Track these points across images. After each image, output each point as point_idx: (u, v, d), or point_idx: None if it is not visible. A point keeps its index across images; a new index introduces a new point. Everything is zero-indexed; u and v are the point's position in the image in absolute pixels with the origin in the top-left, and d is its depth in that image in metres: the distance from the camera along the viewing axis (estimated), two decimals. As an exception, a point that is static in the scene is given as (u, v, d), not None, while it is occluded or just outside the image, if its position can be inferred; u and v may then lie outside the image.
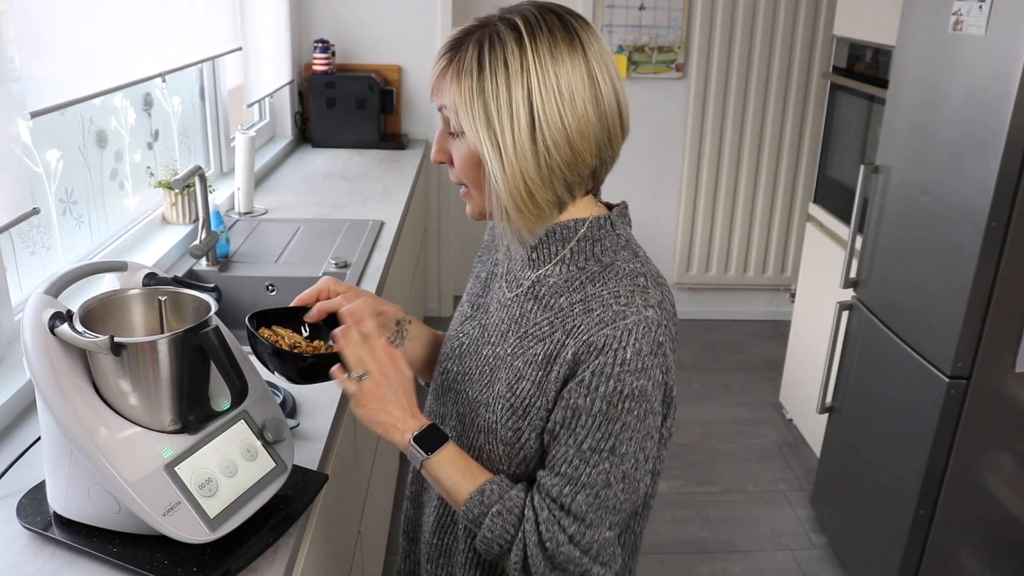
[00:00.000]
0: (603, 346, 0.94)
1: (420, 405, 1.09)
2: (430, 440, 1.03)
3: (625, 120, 1.00)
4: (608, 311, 0.96)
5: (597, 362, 0.94)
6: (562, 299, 1.02)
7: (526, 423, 1.01)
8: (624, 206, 1.09)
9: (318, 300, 1.13)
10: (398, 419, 1.02)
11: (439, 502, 1.18)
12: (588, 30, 0.97)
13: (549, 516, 0.97)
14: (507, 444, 1.03)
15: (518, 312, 1.06)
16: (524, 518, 0.99)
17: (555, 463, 0.99)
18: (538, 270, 1.05)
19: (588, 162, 0.98)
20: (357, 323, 1.04)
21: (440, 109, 0.99)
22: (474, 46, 0.94)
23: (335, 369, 1.03)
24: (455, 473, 1.03)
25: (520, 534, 0.99)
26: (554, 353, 0.99)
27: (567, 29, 0.95)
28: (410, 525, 1.30)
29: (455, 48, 0.96)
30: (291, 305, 1.14)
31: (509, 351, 1.05)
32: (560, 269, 1.03)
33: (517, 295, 1.07)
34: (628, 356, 0.94)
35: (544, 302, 1.03)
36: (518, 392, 1.02)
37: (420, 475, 1.23)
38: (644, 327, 0.95)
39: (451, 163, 1.02)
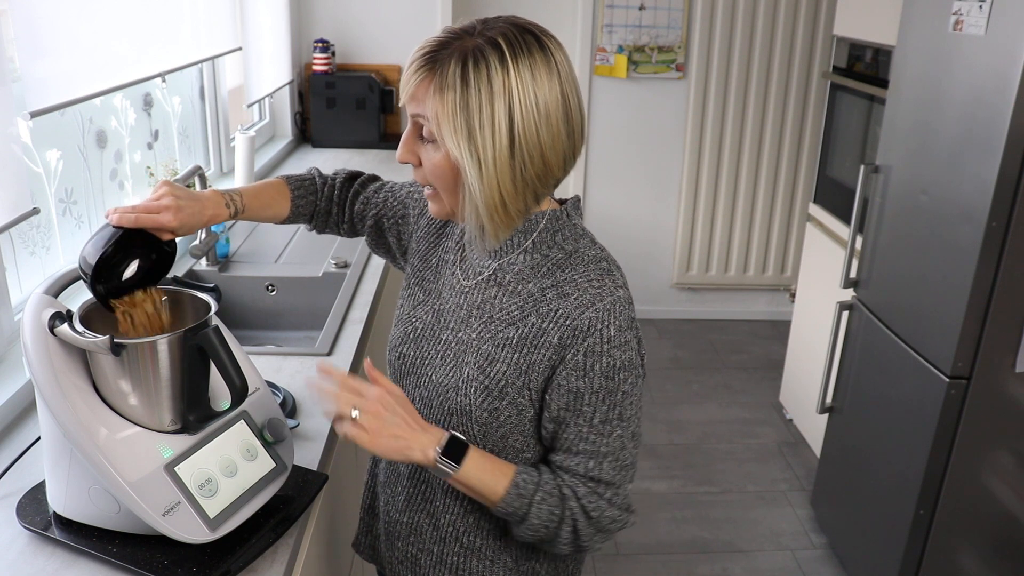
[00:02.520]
0: (588, 328, 1.02)
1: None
2: (453, 451, 1.04)
3: (586, 133, 1.08)
4: (585, 295, 1.04)
5: (586, 344, 1.02)
6: (530, 285, 1.07)
7: (504, 403, 1.07)
8: (577, 199, 1.15)
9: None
10: (411, 439, 1.04)
11: (408, 481, 1.20)
12: (561, 50, 1.03)
13: (586, 491, 1.06)
14: (483, 424, 1.08)
15: (480, 298, 1.11)
16: (564, 497, 1.06)
17: (570, 444, 1.07)
18: (500, 259, 1.10)
19: (556, 174, 1.05)
20: (324, 374, 1.05)
21: (415, 116, 1.03)
22: (457, 61, 0.98)
23: (333, 422, 1.05)
24: (486, 476, 1.06)
25: (566, 512, 1.06)
26: (529, 336, 1.05)
27: (544, 50, 1.00)
28: (376, 499, 1.33)
29: (434, 60, 0.99)
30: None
31: (474, 336, 1.09)
32: (523, 258, 1.09)
33: (477, 283, 1.12)
34: (612, 334, 1.03)
35: (509, 288, 1.09)
36: (492, 374, 1.07)
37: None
38: (620, 306, 1.04)
39: (418, 164, 1.06)
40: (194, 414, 1.09)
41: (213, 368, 1.09)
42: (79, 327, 1.02)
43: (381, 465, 1.30)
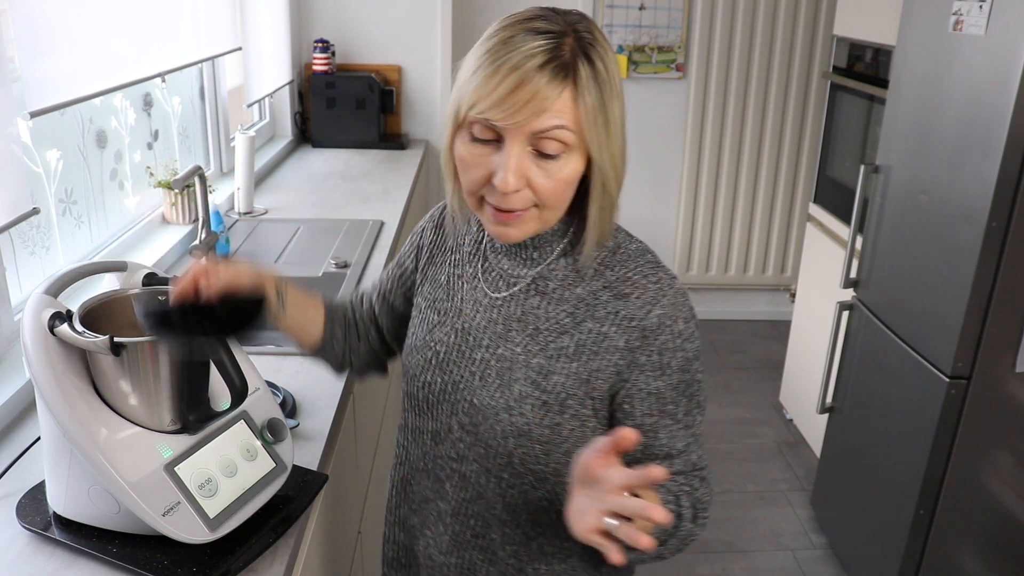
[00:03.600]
0: (658, 326, 1.00)
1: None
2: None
3: None
4: (647, 292, 1.01)
5: (659, 342, 1.00)
6: (578, 289, 1.03)
7: (567, 416, 1.01)
8: None
9: (197, 286, 1.02)
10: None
11: (452, 519, 1.11)
12: None
13: (699, 482, 1.06)
14: (545, 442, 1.02)
15: (519, 310, 1.05)
16: (689, 493, 1.03)
17: (667, 449, 1.04)
18: (535, 267, 1.05)
19: None
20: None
21: (546, 132, 0.91)
22: (583, 63, 0.91)
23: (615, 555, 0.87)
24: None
25: (699, 510, 1.03)
26: (588, 342, 1.01)
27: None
28: (402, 552, 1.24)
29: (561, 68, 0.90)
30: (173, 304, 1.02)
31: (519, 350, 1.03)
32: (563, 262, 1.05)
33: (513, 294, 1.06)
34: (681, 327, 1.01)
35: (555, 296, 1.04)
36: (549, 388, 1.01)
37: (408, 496, 1.19)
38: (681, 297, 1.03)
39: (525, 187, 0.95)
40: (194, 414, 1.09)
41: (213, 368, 1.09)
42: (79, 327, 1.02)
43: (412, 507, 1.19)
